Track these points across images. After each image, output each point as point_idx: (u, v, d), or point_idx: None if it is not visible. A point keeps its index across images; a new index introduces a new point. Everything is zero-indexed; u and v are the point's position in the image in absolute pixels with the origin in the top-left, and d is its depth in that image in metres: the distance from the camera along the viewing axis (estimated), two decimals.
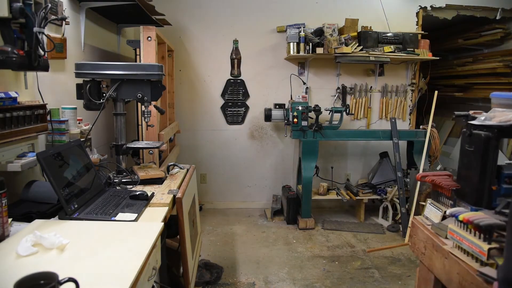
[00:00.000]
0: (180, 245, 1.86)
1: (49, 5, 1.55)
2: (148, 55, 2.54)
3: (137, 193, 1.67)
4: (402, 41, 3.88)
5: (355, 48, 3.75)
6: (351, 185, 4.10)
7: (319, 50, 3.74)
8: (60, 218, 1.41)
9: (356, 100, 4.20)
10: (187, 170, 2.29)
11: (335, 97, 4.20)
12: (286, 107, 3.82)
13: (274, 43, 4.09)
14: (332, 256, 3.13)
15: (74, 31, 2.49)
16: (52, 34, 2.08)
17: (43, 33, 1.55)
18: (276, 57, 4.11)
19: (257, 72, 4.13)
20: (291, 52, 3.87)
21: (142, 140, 2.57)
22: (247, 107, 4.19)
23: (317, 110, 3.64)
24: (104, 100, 1.92)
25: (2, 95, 1.50)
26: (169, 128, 3.23)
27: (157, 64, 1.97)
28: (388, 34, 3.88)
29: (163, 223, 1.43)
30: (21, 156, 1.64)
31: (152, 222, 1.43)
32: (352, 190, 3.98)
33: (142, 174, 1.97)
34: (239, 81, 4.13)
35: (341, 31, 3.94)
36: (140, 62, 2.65)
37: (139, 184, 1.93)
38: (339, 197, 3.90)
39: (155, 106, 2.16)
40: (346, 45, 3.72)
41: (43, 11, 1.52)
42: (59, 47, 2.17)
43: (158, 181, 1.97)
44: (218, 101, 4.17)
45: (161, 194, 1.77)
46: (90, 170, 1.71)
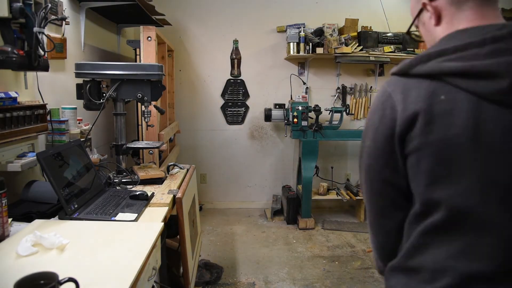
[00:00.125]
0: (180, 245, 1.86)
1: (49, 5, 1.54)
2: (148, 55, 2.54)
3: (137, 193, 1.67)
4: (402, 41, 3.88)
5: (355, 48, 3.76)
6: (351, 185, 4.10)
7: (319, 50, 3.74)
8: (60, 218, 1.41)
9: (356, 100, 4.20)
10: (187, 170, 2.29)
11: (335, 97, 4.20)
12: (286, 107, 3.82)
13: (274, 43, 4.09)
14: (332, 256, 3.13)
15: (74, 31, 2.49)
16: (52, 34, 2.08)
17: (43, 33, 1.54)
18: (276, 57, 4.11)
19: (257, 72, 4.13)
20: (291, 52, 3.87)
21: (142, 140, 2.57)
22: (247, 107, 4.19)
23: (317, 110, 3.64)
24: (104, 100, 1.92)
25: (2, 95, 1.50)
26: (169, 128, 3.23)
27: (157, 64, 1.97)
28: (388, 34, 3.88)
29: (163, 223, 1.43)
30: (21, 156, 1.63)
31: (152, 222, 1.43)
32: (352, 190, 3.98)
33: (142, 174, 1.97)
34: (239, 81, 4.13)
35: (341, 31, 3.94)
36: (140, 62, 2.65)
37: (139, 184, 1.93)
38: (339, 197, 3.90)
39: (155, 106, 2.16)
40: (346, 45, 3.72)
41: (43, 11, 1.52)
42: (59, 47, 2.17)
43: (158, 181, 1.97)
44: (218, 101, 4.17)
45: (161, 194, 1.77)
46: (90, 170, 1.71)
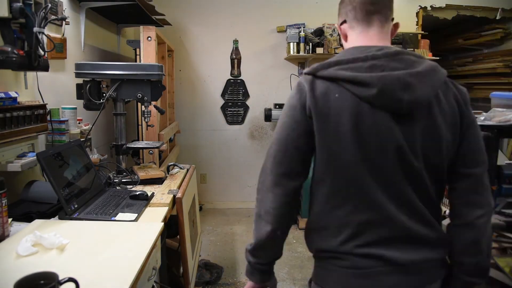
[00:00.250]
0: (180, 245, 1.86)
1: (49, 5, 1.55)
2: (148, 55, 2.54)
3: (137, 193, 1.67)
4: (402, 41, 3.87)
5: None
6: None
7: (319, 50, 3.74)
8: (60, 218, 1.41)
9: None
10: (187, 170, 2.29)
11: None
12: None
13: (274, 43, 4.09)
14: None
15: (74, 31, 2.49)
16: (52, 34, 2.08)
17: (43, 33, 1.55)
18: (276, 57, 4.10)
19: (257, 72, 4.13)
20: (291, 52, 3.87)
21: (142, 140, 2.57)
22: (247, 107, 4.19)
23: None
24: (104, 100, 1.92)
25: (2, 95, 1.50)
26: (169, 128, 3.23)
27: (157, 64, 1.97)
28: None
29: (163, 223, 1.44)
30: (21, 156, 1.63)
31: (152, 222, 1.43)
32: None
33: (142, 174, 1.97)
34: (239, 81, 4.13)
35: None
36: (140, 62, 2.65)
37: (139, 184, 1.93)
38: None
39: (155, 106, 2.16)
40: None
41: (43, 11, 1.52)
42: (59, 47, 2.17)
43: (158, 181, 1.97)
44: (218, 101, 4.16)
45: (161, 194, 1.77)
46: (90, 170, 1.71)
